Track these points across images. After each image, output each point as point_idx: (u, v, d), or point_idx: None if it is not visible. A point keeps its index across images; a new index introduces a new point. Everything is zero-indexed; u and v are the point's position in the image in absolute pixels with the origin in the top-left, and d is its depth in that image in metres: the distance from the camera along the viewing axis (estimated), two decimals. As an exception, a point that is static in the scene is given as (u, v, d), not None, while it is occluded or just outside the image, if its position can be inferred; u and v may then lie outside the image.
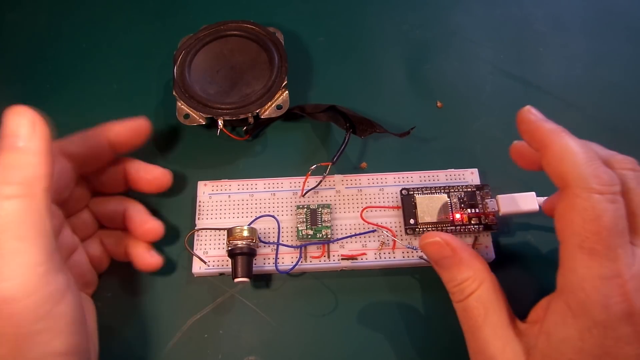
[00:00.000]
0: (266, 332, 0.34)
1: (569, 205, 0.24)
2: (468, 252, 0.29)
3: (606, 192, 0.24)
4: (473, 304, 0.27)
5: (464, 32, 0.45)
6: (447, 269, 0.29)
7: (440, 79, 0.43)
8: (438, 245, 0.29)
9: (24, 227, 0.24)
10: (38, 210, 0.24)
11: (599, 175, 0.24)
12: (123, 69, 0.44)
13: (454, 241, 0.29)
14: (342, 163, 0.39)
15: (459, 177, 0.37)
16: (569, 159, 0.25)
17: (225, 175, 0.38)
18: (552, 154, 0.26)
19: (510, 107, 0.41)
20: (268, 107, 0.38)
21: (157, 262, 0.34)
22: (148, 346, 0.33)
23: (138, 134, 0.34)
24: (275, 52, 0.40)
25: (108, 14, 0.46)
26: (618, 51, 0.44)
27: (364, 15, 0.46)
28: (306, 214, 0.35)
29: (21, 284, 0.23)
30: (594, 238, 0.23)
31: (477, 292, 0.27)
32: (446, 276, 0.29)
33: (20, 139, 0.24)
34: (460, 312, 0.28)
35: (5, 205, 0.23)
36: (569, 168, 0.25)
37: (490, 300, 0.27)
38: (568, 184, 0.25)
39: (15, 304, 0.23)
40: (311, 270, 0.35)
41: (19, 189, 0.24)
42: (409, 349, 0.33)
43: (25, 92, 0.43)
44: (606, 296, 0.23)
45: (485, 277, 0.28)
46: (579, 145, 0.25)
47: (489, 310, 0.27)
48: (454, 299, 0.29)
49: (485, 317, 0.27)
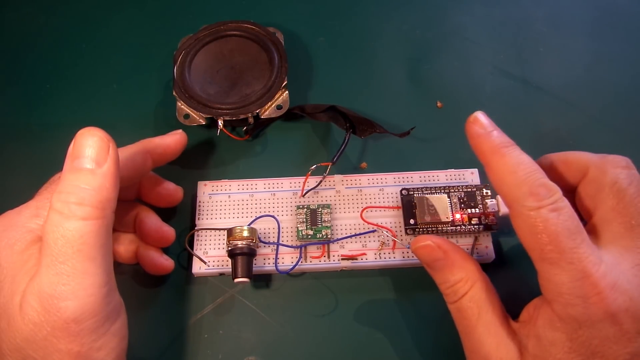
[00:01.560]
0: (266, 332, 0.34)
1: (517, 224, 0.26)
2: (460, 254, 0.29)
3: (545, 205, 0.24)
4: (467, 304, 0.28)
5: (464, 32, 0.45)
6: (439, 271, 0.29)
7: (440, 79, 0.43)
8: (429, 249, 0.29)
9: (94, 249, 0.24)
10: (107, 232, 0.25)
11: (535, 193, 0.25)
12: (123, 69, 0.44)
13: (445, 244, 0.29)
14: (342, 163, 0.39)
15: (459, 177, 0.37)
16: (505, 181, 0.26)
17: (225, 175, 0.38)
18: (491, 175, 0.27)
19: (510, 107, 0.41)
20: (268, 107, 0.38)
21: (171, 266, 0.34)
22: (148, 346, 0.33)
23: (177, 149, 0.34)
24: (275, 52, 0.40)
25: (108, 14, 0.46)
26: (618, 51, 0.44)
27: (364, 15, 0.46)
28: (306, 214, 0.35)
29: (90, 304, 0.24)
30: (549, 248, 0.24)
31: (470, 292, 0.28)
32: (439, 278, 0.29)
33: (95, 161, 0.25)
34: (454, 313, 0.29)
35: (81, 227, 0.24)
36: (507, 190, 0.26)
37: (483, 300, 0.27)
38: (510, 205, 0.26)
39: (82, 323, 0.24)
40: (311, 270, 0.35)
41: (93, 212, 0.25)
42: (409, 348, 0.33)
43: (25, 92, 0.43)
44: (582, 297, 0.24)
45: (477, 278, 0.28)
46: (516, 163, 0.26)
47: (482, 309, 0.27)
48: (448, 300, 0.29)
49: (479, 317, 0.27)
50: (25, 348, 0.24)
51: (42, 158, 0.39)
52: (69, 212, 0.24)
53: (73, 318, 0.24)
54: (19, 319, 0.24)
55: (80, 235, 0.24)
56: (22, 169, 0.39)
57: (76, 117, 0.41)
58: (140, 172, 0.32)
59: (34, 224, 0.26)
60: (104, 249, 0.25)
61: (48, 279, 0.24)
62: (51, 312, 0.23)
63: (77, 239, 0.24)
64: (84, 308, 0.24)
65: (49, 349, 0.24)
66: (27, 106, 0.42)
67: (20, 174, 0.39)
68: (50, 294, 0.23)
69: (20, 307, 0.24)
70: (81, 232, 0.24)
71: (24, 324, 0.24)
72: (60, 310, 0.23)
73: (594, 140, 0.39)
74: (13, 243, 0.26)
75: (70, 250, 0.24)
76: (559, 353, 0.24)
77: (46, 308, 0.23)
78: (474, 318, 0.27)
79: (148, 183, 0.35)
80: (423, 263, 0.30)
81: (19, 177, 0.39)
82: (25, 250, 0.25)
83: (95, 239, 0.24)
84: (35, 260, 0.25)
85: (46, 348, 0.24)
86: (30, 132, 0.41)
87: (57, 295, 0.23)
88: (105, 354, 0.25)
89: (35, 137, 0.41)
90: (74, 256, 0.24)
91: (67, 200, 0.24)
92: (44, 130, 0.41)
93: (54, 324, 0.23)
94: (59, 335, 0.23)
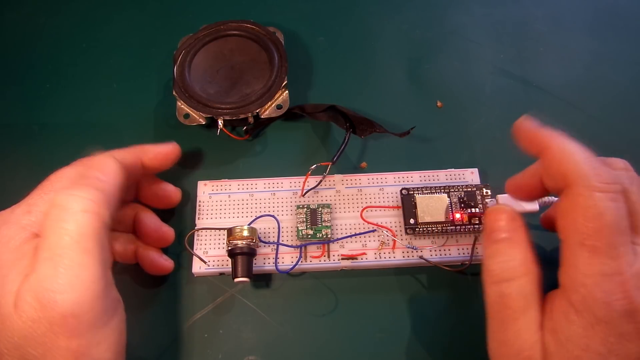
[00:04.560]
0: (266, 332, 0.34)
1: (571, 204, 0.25)
2: (528, 239, 0.28)
3: (608, 191, 0.24)
4: (514, 294, 0.26)
5: (464, 32, 0.45)
6: (498, 243, 0.28)
7: (440, 79, 0.43)
8: (508, 215, 0.28)
9: (91, 241, 0.25)
10: (105, 228, 0.26)
11: (600, 174, 0.24)
12: (123, 69, 0.44)
13: (521, 221, 0.28)
14: (342, 163, 0.39)
15: (459, 177, 0.37)
16: (570, 158, 0.25)
17: (225, 175, 0.38)
18: (552, 154, 0.26)
19: (510, 107, 0.41)
20: (268, 107, 0.38)
21: (170, 266, 0.34)
22: (148, 346, 0.33)
23: (169, 159, 0.35)
24: (275, 52, 0.40)
25: (108, 13, 0.46)
26: (618, 51, 0.44)
27: (364, 15, 0.46)
28: (306, 214, 0.35)
29: (87, 297, 0.24)
30: (596, 236, 0.23)
31: (521, 280, 0.26)
32: (493, 250, 0.28)
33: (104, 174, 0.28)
34: (494, 298, 0.27)
35: (80, 219, 0.25)
36: (571, 166, 0.25)
37: (533, 295, 0.26)
38: (570, 183, 0.25)
39: (80, 317, 0.24)
40: (311, 270, 0.35)
41: (94, 206, 0.25)
42: (409, 348, 0.33)
43: (25, 92, 0.43)
44: (607, 293, 0.23)
45: (534, 270, 0.27)
46: (578, 146, 0.26)
47: (530, 304, 0.26)
48: (491, 279, 0.27)
49: (524, 311, 0.26)
50: (24, 346, 0.24)
51: (42, 158, 0.39)
52: (70, 207, 0.25)
53: (71, 312, 0.24)
54: (15, 317, 0.24)
55: (80, 228, 0.24)
56: (22, 169, 0.39)
57: (76, 117, 0.41)
58: (132, 175, 0.33)
59: (27, 220, 0.27)
60: (101, 243, 0.25)
61: (45, 272, 0.24)
62: (48, 307, 0.23)
63: (76, 231, 0.24)
64: (81, 301, 0.24)
65: (47, 345, 0.23)
66: (27, 106, 0.42)
67: (20, 174, 0.39)
68: (47, 288, 0.23)
69: (16, 305, 0.24)
70: (81, 225, 0.25)
71: (21, 321, 0.23)
72: (57, 303, 0.23)
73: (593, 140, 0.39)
74: (7, 240, 0.26)
75: (69, 243, 0.24)
76: (576, 350, 0.24)
77: (43, 303, 0.23)
78: (519, 310, 0.26)
79: (147, 184, 0.35)
80: (486, 229, 0.29)
81: (18, 177, 0.39)
82: (19, 248, 0.25)
83: (94, 233, 0.25)
84: (29, 258, 0.25)
85: (45, 344, 0.23)
86: (30, 132, 0.41)
87: (53, 289, 0.23)
88: (104, 349, 0.25)
89: (35, 137, 0.41)
90: (72, 248, 0.24)
91: (70, 194, 0.25)
92: (43, 130, 0.41)
93: (52, 319, 0.23)
94: (57, 330, 0.23)
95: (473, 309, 0.34)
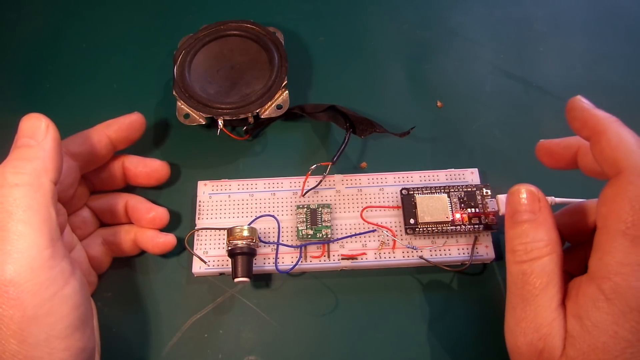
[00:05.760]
0: (266, 332, 0.34)
1: (619, 191, 0.24)
2: (552, 219, 0.28)
3: None
4: (536, 271, 0.26)
5: (464, 32, 0.45)
6: (522, 224, 0.28)
7: (440, 79, 0.43)
8: (532, 196, 0.28)
9: (29, 213, 0.25)
10: (44, 200, 0.26)
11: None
12: (123, 69, 0.44)
13: (545, 201, 0.28)
14: (342, 163, 0.39)
15: (459, 177, 0.37)
16: (625, 146, 0.25)
17: (225, 175, 0.38)
18: (607, 140, 0.26)
19: (510, 107, 0.41)
20: (268, 107, 0.38)
21: (171, 241, 0.35)
22: (148, 346, 0.33)
23: (135, 128, 0.35)
24: (275, 52, 0.40)
25: (108, 14, 0.46)
26: (618, 51, 0.44)
27: (364, 15, 0.46)
28: (306, 214, 0.35)
29: (27, 266, 0.24)
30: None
31: (545, 259, 0.26)
32: (517, 231, 0.27)
33: (33, 138, 0.27)
34: (516, 275, 0.27)
35: (14, 192, 0.25)
36: (624, 154, 0.25)
37: (554, 273, 0.26)
38: (621, 170, 0.25)
39: (21, 285, 0.24)
40: (311, 270, 0.35)
41: (26, 179, 0.26)
42: (409, 349, 0.33)
43: (25, 92, 0.43)
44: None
45: (557, 250, 0.27)
46: (633, 134, 0.26)
47: (551, 281, 0.26)
48: (515, 259, 0.27)
49: (546, 288, 0.26)
50: None
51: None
52: (3, 181, 0.26)
53: (10, 280, 0.24)
54: None
55: (14, 200, 0.25)
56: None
57: (76, 117, 0.41)
58: (97, 149, 0.34)
59: None
60: (42, 214, 0.25)
61: None
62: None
63: (10, 203, 0.25)
64: (20, 270, 0.24)
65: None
66: (27, 106, 0.42)
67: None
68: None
69: None
70: (14, 197, 0.25)
71: None
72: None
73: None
74: None
75: (5, 215, 0.25)
76: (603, 336, 0.24)
77: None
78: (540, 287, 0.26)
79: (132, 166, 0.36)
80: (510, 209, 0.28)
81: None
82: None
83: (31, 204, 0.25)
84: None
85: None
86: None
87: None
88: (55, 320, 0.25)
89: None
90: (8, 220, 0.25)
91: (3, 171, 0.26)
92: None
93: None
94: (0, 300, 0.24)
95: (473, 309, 0.34)
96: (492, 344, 0.32)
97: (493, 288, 0.35)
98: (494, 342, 0.32)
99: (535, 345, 0.26)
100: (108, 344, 0.32)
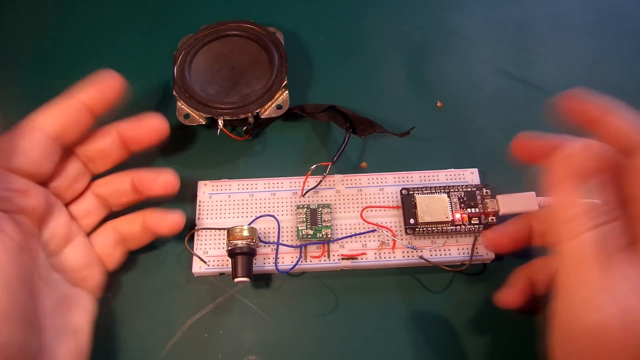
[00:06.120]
0: (266, 332, 0.34)
1: None
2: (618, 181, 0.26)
3: None
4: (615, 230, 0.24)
5: (464, 32, 0.45)
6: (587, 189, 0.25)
7: (440, 79, 0.43)
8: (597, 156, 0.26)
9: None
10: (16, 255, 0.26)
11: None
12: (123, 69, 0.43)
13: (615, 157, 0.26)
14: (342, 163, 0.39)
15: (459, 177, 0.37)
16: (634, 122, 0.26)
17: (225, 175, 0.38)
18: (616, 119, 0.27)
19: (510, 107, 0.41)
20: (268, 107, 0.38)
21: (180, 219, 0.33)
22: (148, 346, 0.33)
23: (113, 89, 0.33)
24: (275, 52, 0.40)
25: (108, 14, 0.46)
26: (618, 51, 0.44)
27: (364, 15, 0.46)
28: (306, 214, 0.35)
29: None
30: None
31: (607, 227, 0.24)
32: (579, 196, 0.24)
33: None
34: (575, 248, 0.24)
35: None
36: None
37: (617, 244, 0.24)
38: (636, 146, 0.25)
39: None
40: (311, 270, 0.35)
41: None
42: (409, 349, 0.33)
43: (25, 92, 0.43)
44: None
45: (620, 216, 0.24)
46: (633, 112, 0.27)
47: (616, 253, 0.23)
48: (571, 234, 0.24)
49: (610, 257, 0.23)
50: None
51: (42, 158, 0.39)
52: None
53: None
54: None
55: None
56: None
57: (76, 117, 0.41)
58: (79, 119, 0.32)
59: None
60: (11, 285, 0.25)
61: None
62: None
63: None
64: None
65: None
66: (27, 106, 0.42)
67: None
68: None
69: None
70: None
71: None
72: None
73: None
74: None
75: None
76: None
77: None
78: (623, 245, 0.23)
79: (127, 132, 0.33)
80: (572, 171, 0.25)
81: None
82: None
83: None
84: None
85: None
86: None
87: None
88: None
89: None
90: None
91: None
92: (44, 130, 0.41)
93: None
94: None
95: (473, 309, 0.34)
96: (493, 344, 0.32)
97: (493, 288, 0.34)
98: (494, 342, 0.32)
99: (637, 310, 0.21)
100: (107, 345, 0.32)
